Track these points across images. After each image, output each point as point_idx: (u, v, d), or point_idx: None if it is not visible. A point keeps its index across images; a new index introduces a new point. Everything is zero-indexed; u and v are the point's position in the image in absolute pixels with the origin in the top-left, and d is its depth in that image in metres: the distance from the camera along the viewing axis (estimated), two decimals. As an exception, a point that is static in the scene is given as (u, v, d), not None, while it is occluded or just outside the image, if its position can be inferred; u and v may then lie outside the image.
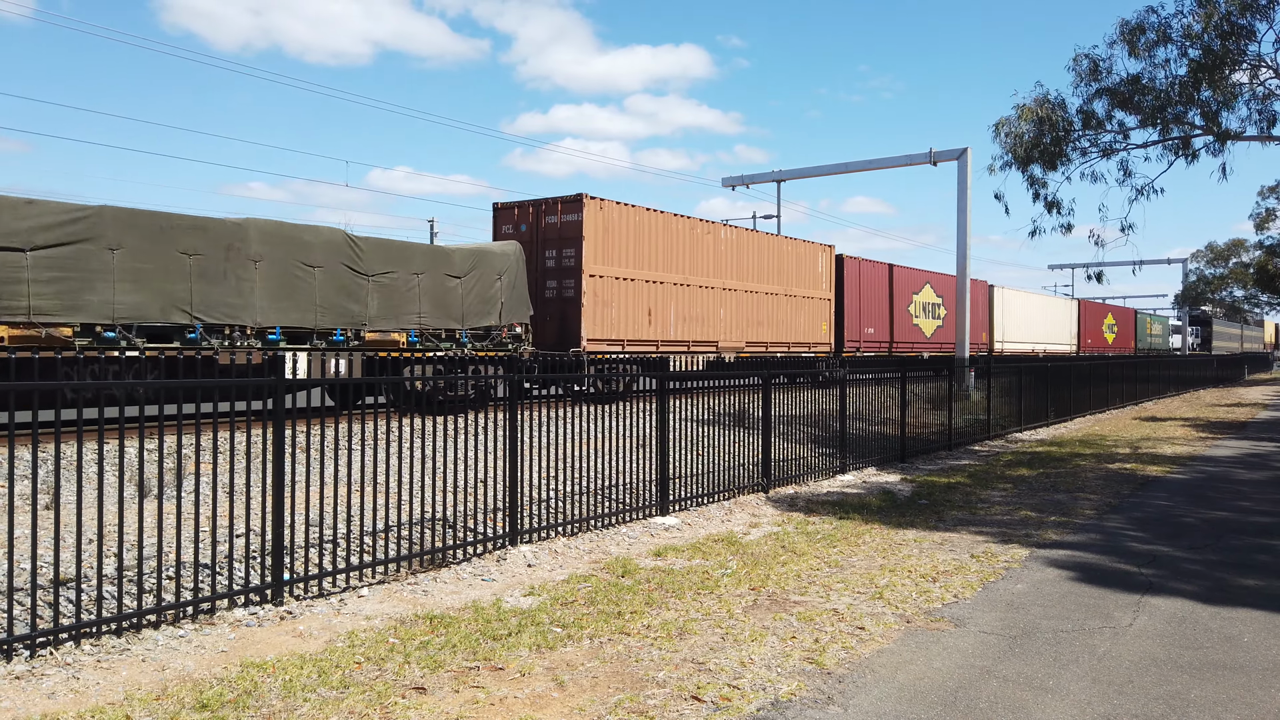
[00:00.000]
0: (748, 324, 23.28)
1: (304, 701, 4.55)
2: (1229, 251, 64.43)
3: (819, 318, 26.48)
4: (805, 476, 12.30)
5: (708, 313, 21.92)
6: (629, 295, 19.64)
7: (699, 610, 6.25)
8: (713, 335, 22.02)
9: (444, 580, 7.00)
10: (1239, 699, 4.74)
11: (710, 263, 22.00)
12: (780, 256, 24.77)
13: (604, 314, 18.91)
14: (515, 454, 8.03)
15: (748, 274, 23.36)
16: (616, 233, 19.29)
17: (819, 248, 26.62)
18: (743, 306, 23.13)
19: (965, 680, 4.98)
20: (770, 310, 24.17)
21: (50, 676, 4.84)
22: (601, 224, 18.89)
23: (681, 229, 21.26)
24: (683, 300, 21.14)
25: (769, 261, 24.21)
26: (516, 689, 4.78)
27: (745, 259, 23.29)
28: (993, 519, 9.86)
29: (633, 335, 19.72)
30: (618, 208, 19.44)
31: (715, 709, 4.55)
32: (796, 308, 25.35)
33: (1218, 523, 9.69)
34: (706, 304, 21.86)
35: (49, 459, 8.44)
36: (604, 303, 18.88)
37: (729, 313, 22.63)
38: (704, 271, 21.80)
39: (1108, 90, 18.51)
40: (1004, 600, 6.61)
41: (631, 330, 19.70)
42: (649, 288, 20.26)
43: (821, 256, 26.68)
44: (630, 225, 19.76)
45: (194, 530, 5.90)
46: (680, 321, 21.03)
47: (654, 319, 20.32)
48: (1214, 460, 15.46)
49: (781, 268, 24.73)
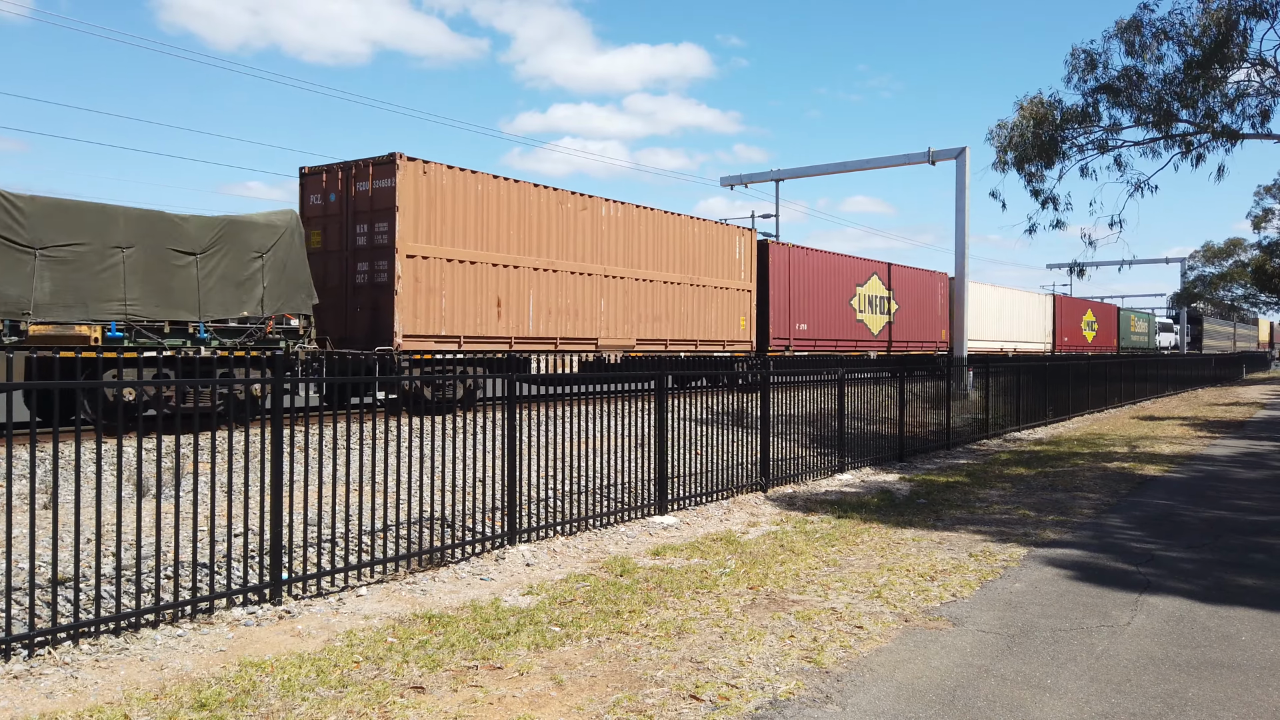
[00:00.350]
0: (640, 318, 19.99)
1: (302, 701, 4.55)
2: (1228, 250, 64.50)
3: (736, 312, 23.06)
4: (803, 476, 12.31)
5: (583, 304, 18.54)
6: (468, 281, 16.22)
7: (697, 609, 6.25)
8: (590, 331, 18.68)
9: (442, 580, 7.00)
10: (1237, 697, 4.75)
11: (588, 244, 18.62)
12: (685, 240, 21.44)
13: (430, 304, 15.53)
14: (514, 453, 8.03)
15: (641, 259, 20.05)
16: (449, 204, 15.89)
17: (736, 231, 23.33)
18: (633, 298, 19.79)
19: (963, 679, 4.99)
20: (671, 302, 20.90)
21: (48, 676, 4.84)
22: (424, 192, 15.49)
23: (546, 203, 17.85)
24: (548, 289, 17.79)
25: (670, 246, 20.93)
26: (515, 688, 4.78)
27: (637, 242, 19.94)
28: (991, 518, 9.86)
29: (475, 330, 16.32)
30: (450, 173, 15.94)
31: (714, 708, 4.56)
32: (706, 300, 22.01)
33: (1216, 522, 9.70)
34: (582, 294, 18.50)
35: (46, 458, 8.43)
36: (430, 290, 15.53)
37: (613, 305, 19.31)
38: (579, 255, 18.41)
39: (1105, 88, 18.52)
40: (1002, 599, 6.62)
41: (472, 324, 16.30)
42: (498, 273, 16.79)
43: (740, 241, 23.31)
44: (470, 196, 16.27)
45: (192, 530, 5.90)
46: (544, 314, 17.70)
47: (506, 311, 16.94)
48: (1212, 459, 15.47)
49: (687, 253, 21.44)
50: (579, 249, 18.53)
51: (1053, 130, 18.72)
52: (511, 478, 7.97)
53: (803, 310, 25.67)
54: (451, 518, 7.74)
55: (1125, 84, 18.09)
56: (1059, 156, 19.25)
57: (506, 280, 17.03)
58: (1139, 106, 18.35)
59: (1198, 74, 17.08)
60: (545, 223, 17.83)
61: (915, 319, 32.36)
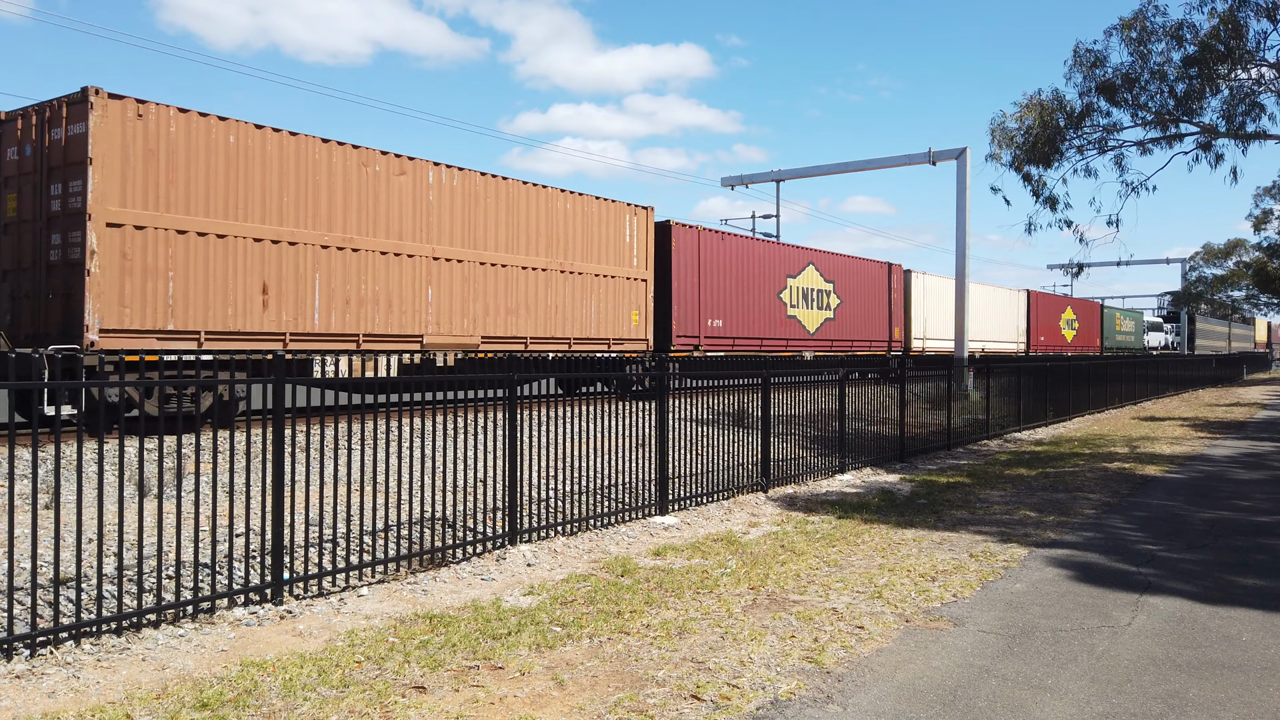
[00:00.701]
0: (488, 311, 16.40)
1: (304, 700, 4.55)
2: (1227, 251, 64.41)
3: (625, 305, 19.50)
4: (804, 476, 12.32)
5: (401, 292, 14.95)
6: (215, 261, 12.63)
7: (698, 609, 6.26)
8: (413, 326, 15.15)
9: (444, 580, 7.01)
10: (1237, 698, 4.75)
11: (408, 218, 15.05)
12: (553, 218, 17.83)
13: (148, 289, 11.98)
14: (515, 454, 8.03)
15: (488, 239, 16.45)
16: (182, 159, 12.30)
17: (625, 209, 19.51)
18: (477, 286, 16.24)
19: (964, 679, 4.99)
20: (533, 292, 17.33)
21: (50, 675, 4.84)
22: (139, 142, 11.89)
23: (341, 164, 14.09)
24: (344, 272, 14.16)
25: (532, 224, 17.36)
26: (516, 688, 4.79)
27: (485, 218, 16.38)
28: (992, 518, 9.87)
29: (226, 324, 12.76)
30: (185, 119, 12.34)
31: (715, 708, 4.56)
32: (583, 290, 18.44)
33: (1216, 522, 9.70)
34: (399, 279, 14.91)
35: (49, 458, 8.44)
36: (148, 271, 11.98)
37: (447, 294, 15.71)
38: (394, 230, 14.83)
39: (1106, 87, 18.49)
40: (1003, 599, 6.62)
41: (221, 316, 12.70)
42: (265, 251, 13.18)
43: (631, 222, 19.62)
44: (218, 150, 12.67)
45: (194, 530, 5.91)
46: (339, 304, 14.11)
47: (279, 299, 13.37)
48: (1213, 460, 15.47)
49: (556, 234, 17.88)
50: (394, 223, 14.85)
51: (1053, 130, 18.68)
52: (512, 478, 7.98)
53: (718, 304, 22.24)
54: (452, 518, 7.75)
55: (1125, 83, 18.06)
56: (1058, 156, 19.20)
57: (279, 260, 13.36)
58: (1140, 105, 18.33)
59: (1212, 72, 17.00)
60: (341, 189, 14.12)
61: (861, 315, 28.83)
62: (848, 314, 28.09)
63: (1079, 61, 18.50)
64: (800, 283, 25.71)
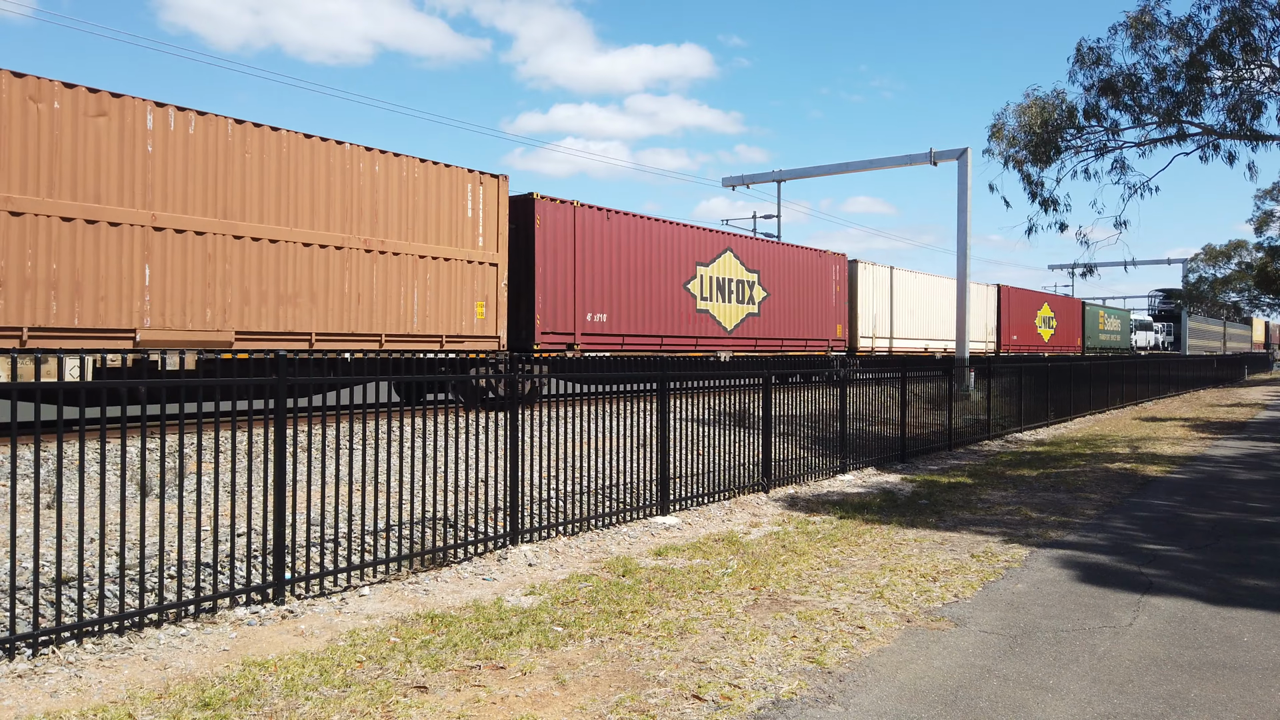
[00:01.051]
0: (246, 299, 12.92)
1: (306, 700, 4.56)
2: (1228, 252, 64.40)
3: (467, 294, 15.84)
4: (806, 476, 12.32)
5: (98, 272, 11.43)
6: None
7: (700, 609, 6.26)
8: (120, 318, 11.68)
9: (445, 579, 7.01)
10: (1239, 698, 4.75)
11: (110, 174, 11.54)
12: (357, 184, 14.18)
13: None
14: (516, 454, 8.04)
15: (247, 205, 12.93)
16: None
17: (467, 176, 15.90)
18: (229, 265, 12.71)
19: (965, 679, 4.99)
20: (320, 276, 13.77)
21: (53, 675, 4.85)
22: None
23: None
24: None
25: (319, 189, 13.77)
26: (518, 688, 4.79)
27: (239, 177, 12.83)
28: (993, 518, 9.87)
29: None
30: None
31: (716, 708, 4.56)
32: (402, 275, 14.83)
33: (1218, 522, 9.69)
34: (92, 255, 11.38)
35: (50, 458, 8.45)
36: None
37: (179, 275, 12.24)
38: (84, 189, 11.32)
39: (1108, 86, 18.48)
40: (1004, 600, 6.62)
41: None
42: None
43: (475, 193, 15.99)
44: None
45: (195, 530, 5.92)
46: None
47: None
48: (1214, 460, 15.47)
49: (359, 203, 14.21)
50: (86, 181, 11.36)
51: (1054, 129, 18.65)
52: (514, 478, 7.98)
53: (602, 295, 18.98)
54: (454, 518, 7.75)
55: (1127, 83, 18.04)
56: (1058, 154, 19.16)
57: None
58: (1142, 106, 18.30)
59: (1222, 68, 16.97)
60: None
61: (796, 311, 25.56)
62: (777, 309, 24.77)
63: (1081, 59, 18.48)
64: (715, 272, 22.38)
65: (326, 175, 13.92)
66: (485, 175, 16.27)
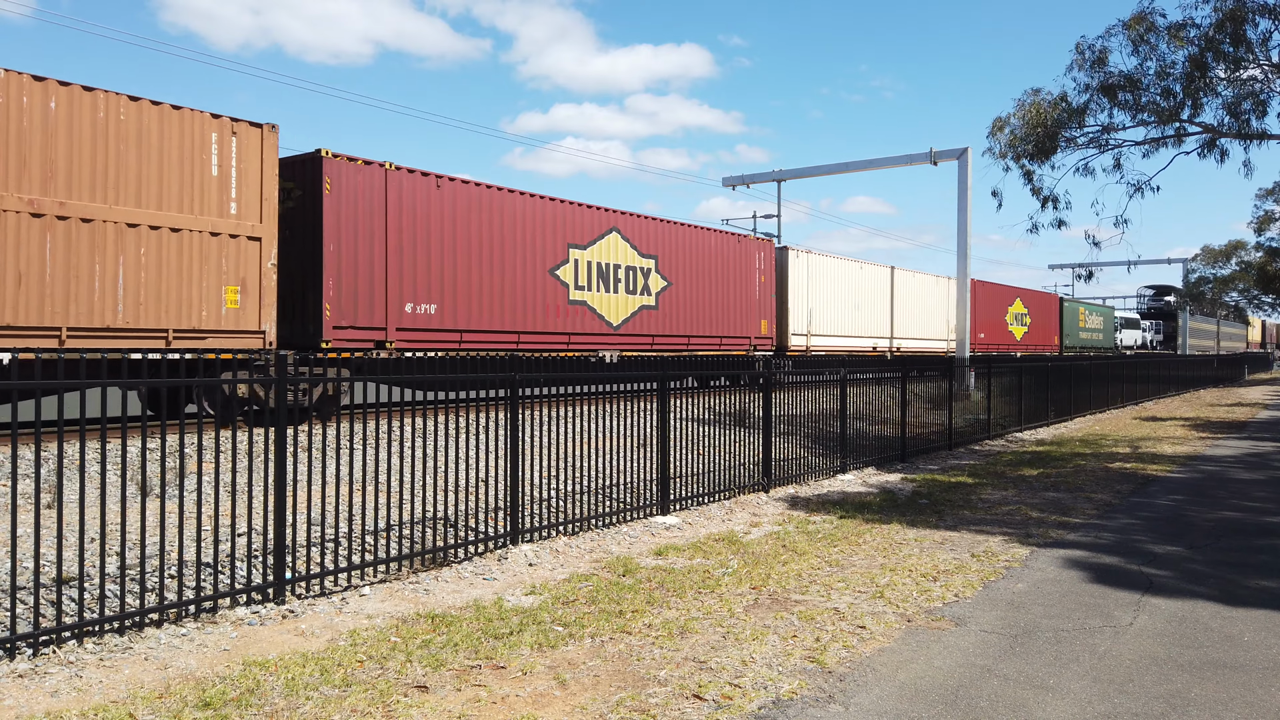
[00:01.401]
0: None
1: (306, 700, 4.56)
2: (1227, 252, 64.37)
3: (212, 277, 12.00)
4: (806, 476, 12.32)
5: None
6: None
7: (700, 609, 6.26)
8: None
9: (445, 579, 7.01)
10: (1239, 698, 4.75)
11: None
12: (19, 123, 10.37)
13: None
14: (516, 453, 8.03)
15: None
16: None
17: (211, 123, 12.09)
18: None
19: (966, 679, 4.99)
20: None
21: (53, 675, 4.85)
22: None
23: None
24: None
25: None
26: (518, 687, 4.79)
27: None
28: (994, 518, 9.87)
29: None
30: None
31: (717, 707, 4.56)
32: (99, 249, 10.98)
33: (1218, 522, 9.69)
34: None
35: (51, 458, 8.45)
36: None
37: None
38: None
39: (1107, 87, 18.47)
40: (1005, 599, 6.62)
41: None
42: None
43: (225, 145, 12.21)
44: None
45: (196, 529, 5.92)
46: None
47: None
48: (1215, 460, 15.46)
49: (29, 150, 10.46)
50: None
51: (1054, 128, 18.64)
52: (514, 478, 7.98)
53: (428, 281, 15.24)
54: (454, 517, 7.76)
55: (1126, 83, 18.03)
56: (1058, 152, 19.15)
57: None
58: (1141, 106, 18.29)
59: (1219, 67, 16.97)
60: None
61: (707, 305, 21.88)
62: (681, 301, 21.01)
63: (1081, 58, 18.48)
64: (595, 256, 18.60)
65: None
66: (241, 123, 12.38)
